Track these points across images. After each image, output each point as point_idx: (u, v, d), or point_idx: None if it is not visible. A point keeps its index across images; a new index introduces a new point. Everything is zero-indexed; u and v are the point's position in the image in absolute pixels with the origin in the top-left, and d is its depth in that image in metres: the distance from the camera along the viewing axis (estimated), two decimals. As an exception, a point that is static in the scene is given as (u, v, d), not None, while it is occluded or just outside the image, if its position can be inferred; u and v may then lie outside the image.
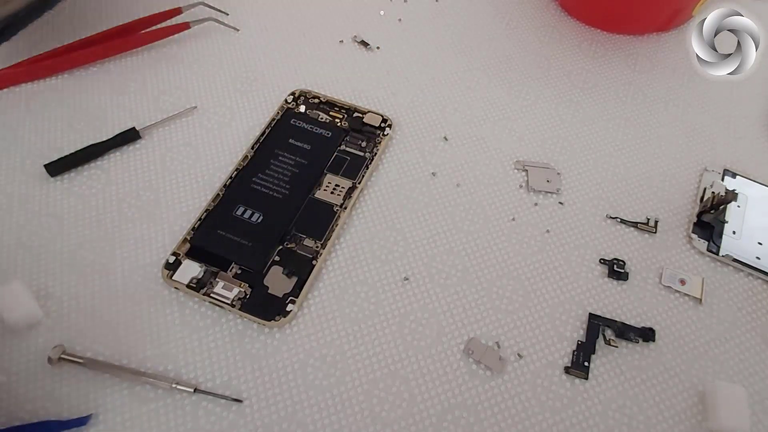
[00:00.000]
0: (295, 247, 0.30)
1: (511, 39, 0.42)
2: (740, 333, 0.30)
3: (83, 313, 0.28)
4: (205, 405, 0.26)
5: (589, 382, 0.28)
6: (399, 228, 0.32)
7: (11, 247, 0.30)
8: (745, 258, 0.32)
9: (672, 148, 0.37)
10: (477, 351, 0.28)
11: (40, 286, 0.29)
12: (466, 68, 0.40)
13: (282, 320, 0.28)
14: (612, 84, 0.40)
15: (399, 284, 0.30)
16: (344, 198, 0.32)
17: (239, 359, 0.27)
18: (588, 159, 0.36)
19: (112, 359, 0.27)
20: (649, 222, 0.33)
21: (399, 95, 0.38)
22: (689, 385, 0.28)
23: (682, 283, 0.31)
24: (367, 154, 0.34)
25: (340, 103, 0.37)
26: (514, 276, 0.31)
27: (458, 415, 0.26)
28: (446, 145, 0.36)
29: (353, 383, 0.27)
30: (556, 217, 0.33)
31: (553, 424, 0.26)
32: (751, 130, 0.38)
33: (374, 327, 0.29)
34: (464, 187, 0.34)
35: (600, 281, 0.31)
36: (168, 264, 0.29)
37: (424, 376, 0.27)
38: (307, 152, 0.34)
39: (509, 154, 0.36)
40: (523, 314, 0.30)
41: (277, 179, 0.32)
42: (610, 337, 0.29)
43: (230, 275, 0.29)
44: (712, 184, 0.35)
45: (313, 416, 0.26)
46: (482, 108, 0.38)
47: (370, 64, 0.40)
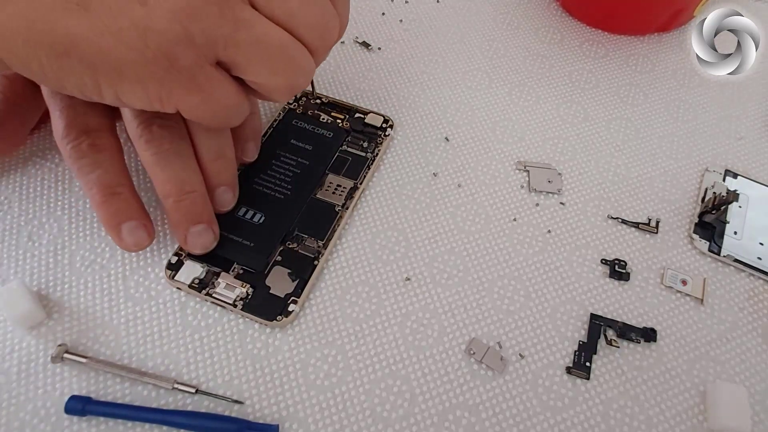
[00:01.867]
0: (296, 247, 0.30)
1: (513, 39, 0.42)
2: (742, 333, 0.30)
3: (85, 313, 0.28)
4: (207, 405, 0.26)
5: (591, 382, 0.28)
6: (400, 228, 0.32)
7: (12, 247, 0.30)
8: (746, 258, 0.32)
9: (673, 148, 0.37)
10: (478, 351, 0.28)
11: (41, 286, 0.29)
12: (468, 69, 0.40)
13: (284, 320, 0.28)
14: (613, 84, 0.40)
15: (400, 284, 0.30)
16: (346, 198, 0.32)
17: (241, 359, 0.27)
18: (589, 159, 0.36)
19: (114, 359, 0.27)
20: (650, 222, 0.33)
21: (400, 96, 0.38)
22: (690, 385, 0.28)
23: (684, 284, 0.31)
24: (368, 154, 0.34)
25: (342, 103, 0.37)
26: (515, 276, 0.31)
27: (460, 415, 0.26)
28: (447, 145, 0.36)
29: (354, 383, 0.27)
30: (558, 218, 0.33)
31: (554, 424, 0.26)
32: (753, 130, 0.38)
33: (376, 327, 0.29)
34: (465, 188, 0.34)
35: (601, 281, 0.31)
36: (170, 264, 0.29)
37: (426, 376, 0.27)
38: (309, 153, 0.34)
39: (510, 155, 0.36)
40: (524, 314, 0.30)
41: (278, 180, 0.32)
42: (611, 337, 0.29)
43: (232, 275, 0.29)
44: (714, 185, 0.35)
45: (315, 416, 0.26)
46: (483, 108, 0.38)
47: (372, 65, 0.40)
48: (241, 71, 0.24)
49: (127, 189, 0.28)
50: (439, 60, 0.41)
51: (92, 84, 0.22)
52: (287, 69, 0.24)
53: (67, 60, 0.21)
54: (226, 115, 0.25)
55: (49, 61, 0.21)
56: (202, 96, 0.23)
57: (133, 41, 0.21)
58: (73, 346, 0.27)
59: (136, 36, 0.21)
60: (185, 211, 0.28)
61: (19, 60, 0.21)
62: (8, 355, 0.27)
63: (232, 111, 0.25)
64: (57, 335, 0.28)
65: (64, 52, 0.21)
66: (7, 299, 0.27)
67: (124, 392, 0.26)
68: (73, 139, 0.28)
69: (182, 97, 0.23)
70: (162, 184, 0.28)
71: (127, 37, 0.21)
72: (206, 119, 0.25)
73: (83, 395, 0.26)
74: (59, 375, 0.27)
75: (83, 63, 0.21)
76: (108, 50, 0.21)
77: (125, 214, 0.28)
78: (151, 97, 0.23)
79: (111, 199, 0.28)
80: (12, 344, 0.27)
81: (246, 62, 0.23)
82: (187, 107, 0.23)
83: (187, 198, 0.28)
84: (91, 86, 0.22)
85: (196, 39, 0.21)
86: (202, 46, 0.22)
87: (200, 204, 0.28)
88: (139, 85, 0.22)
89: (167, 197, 0.28)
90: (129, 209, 0.28)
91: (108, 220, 0.28)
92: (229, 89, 0.24)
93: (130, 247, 0.28)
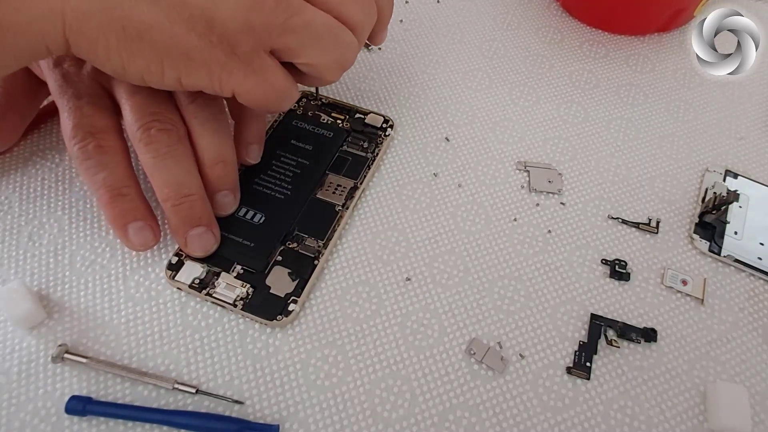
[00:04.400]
0: (297, 247, 0.30)
1: (513, 40, 0.42)
2: (742, 333, 0.30)
3: (85, 313, 0.28)
4: (207, 405, 0.26)
5: (591, 383, 0.28)
6: (401, 228, 0.32)
7: (13, 247, 0.30)
8: (746, 258, 0.32)
9: (673, 148, 0.37)
10: (479, 351, 0.28)
11: (41, 286, 0.29)
12: (468, 69, 0.40)
13: (284, 320, 0.28)
14: (613, 84, 0.40)
15: (401, 284, 0.30)
16: (346, 198, 0.32)
17: (241, 359, 0.27)
18: (589, 159, 0.36)
19: (114, 359, 0.27)
20: (650, 222, 0.33)
21: (400, 96, 0.38)
22: (691, 385, 0.28)
23: (684, 284, 0.31)
24: (368, 154, 0.34)
25: (342, 104, 0.37)
26: (515, 276, 0.31)
27: (460, 415, 0.26)
28: (448, 145, 0.36)
29: (355, 383, 0.27)
30: (558, 218, 0.33)
31: (554, 424, 0.26)
32: (753, 130, 0.38)
33: (376, 327, 0.29)
34: (466, 188, 0.34)
35: (602, 281, 0.31)
36: (170, 264, 0.29)
37: (426, 377, 0.27)
38: (309, 153, 0.34)
39: (511, 155, 0.36)
40: (524, 314, 0.30)
41: (279, 180, 0.32)
42: (611, 337, 0.29)
43: (232, 275, 0.29)
44: (714, 185, 0.35)
45: (315, 416, 0.26)
46: (484, 109, 0.38)
47: (372, 65, 0.40)
48: (295, 55, 0.26)
49: (134, 190, 0.29)
50: (439, 60, 0.41)
51: (157, 68, 0.24)
52: (335, 46, 0.27)
53: (139, 44, 0.23)
54: (277, 98, 0.27)
55: (118, 44, 0.23)
56: (257, 80, 0.25)
57: (200, 28, 0.23)
58: (73, 346, 0.27)
59: (204, 23, 0.23)
60: (184, 215, 0.28)
61: (87, 42, 0.23)
62: (9, 355, 0.27)
63: (283, 94, 0.27)
64: (57, 335, 0.28)
65: (137, 36, 0.22)
66: (8, 299, 0.27)
67: (125, 392, 0.26)
68: (80, 140, 0.28)
69: (240, 80, 0.25)
70: (160, 187, 0.28)
71: (196, 25, 0.23)
72: (259, 102, 0.26)
73: (84, 395, 0.26)
74: (60, 375, 0.27)
75: (153, 47, 0.23)
76: (179, 36, 0.23)
77: (131, 214, 0.28)
78: (213, 79, 0.25)
79: (117, 199, 0.28)
80: (12, 344, 0.27)
81: (299, 46, 0.25)
82: (243, 90, 0.25)
83: (186, 201, 0.28)
84: (156, 70, 0.24)
85: (256, 27, 0.24)
86: (261, 34, 0.24)
87: (199, 207, 0.28)
88: (204, 68, 0.24)
89: (165, 201, 0.28)
90: (135, 210, 0.28)
91: (115, 221, 0.28)
92: (280, 74, 0.26)
93: (137, 247, 0.29)
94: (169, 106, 0.29)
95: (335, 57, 0.27)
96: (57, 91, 0.29)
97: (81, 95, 0.28)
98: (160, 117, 0.28)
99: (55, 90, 0.29)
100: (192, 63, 0.24)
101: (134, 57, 0.23)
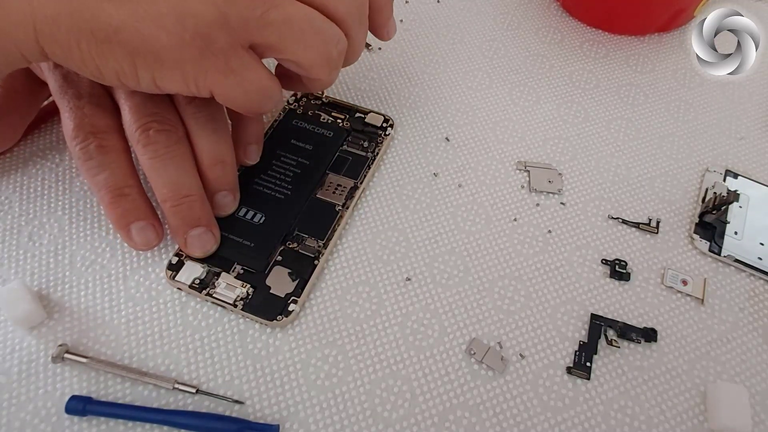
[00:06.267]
0: (297, 246, 0.30)
1: (513, 39, 0.42)
2: (742, 333, 0.30)
3: (85, 313, 0.28)
4: (207, 405, 0.26)
5: (591, 383, 0.28)
6: (401, 228, 0.32)
7: (13, 247, 0.30)
8: (747, 258, 0.32)
9: (673, 148, 0.37)
10: (479, 351, 0.28)
11: (41, 286, 0.29)
12: (468, 69, 0.40)
13: (284, 320, 0.28)
14: (613, 84, 0.40)
15: (401, 284, 0.30)
16: (346, 198, 0.32)
17: (241, 359, 0.27)
18: (589, 159, 0.36)
19: (114, 359, 0.27)
20: (650, 222, 0.33)
21: (401, 96, 0.38)
22: (691, 385, 0.28)
23: (684, 284, 0.31)
24: (369, 154, 0.34)
25: (342, 103, 0.37)
26: (516, 276, 0.31)
27: (460, 415, 0.26)
28: (448, 145, 0.36)
29: (355, 383, 0.27)
30: (558, 218, 0.33)
31: (555, 424, 0.26)
32: (753, 130, 0.38)
33: (376, 327, 0.29)
34: (466, 188, 0.34)
35: (602, 281, 0.31)
36: (171, 264, 0.29)
37: (426, 377, 0.27)
38: (309, 152, 0.34)
39: (511, 155, 0.36)
40: (525, 314, 0.30)
41: (279, 180, 0.32)
42: (612, 337, 0.29)
43: (232, 275, 0.29)
44: (714, 185, 0.35)
45: (315, 416, 0.26)
46: (484, 109, 0.38)
47: (372, 65, 0.40)
48: (277, 51, 0.25)
49: (135, 190, 0.29)
50: (440, 60, 0.41)
51: (130, 69, 0.23)
52: (319, 41, 0.25)
53: (108, 46, 0.22)
54: (259, 99, 0.26)
55: (89, 47, 0.22)
56: (236, 78, 0.24)
57: (171, 26, 0.22)
58: (73, 346, 0.27)
59: (175, 20, 0.22)
60: (183, 215, 0.28)
61: (61, 48, 0.22)
62: (9, 355, 0.27)
63: (265, 94, 0.26)
64: (57, 335, 0.28)
65: (106, 39, 0.22)
66: (8, 299, 0.27)
67: (125, 392, 0.26)
68: (81, 141, 0.28)
69: (217, 80, 0.24)
70: (159, 188, 0.28)
71: (166, 22, 0.22)
72: (240, 102, 0.25)
73: (84, 395, 0.26)
74: (60, 375, 0.27)
75: (124, 49, 0.22)
76: (148, 35, 0.22)
77: (134, 214, 0.28)
78: (188, 80, 0.23)
79: (119, 200, 0.28)
80: (13, 344, 0.27)
81: (280, 41, 0.24)
82: (221, 90, 0.24)
83: (185, 202, 0.28)
84: (129, 72, 0.23)
85: (231, 21, 0.22)
86: (237, 29, 0.23)
87: (197, 208, 0.28)
88: (177, 68, 0.23)
89: (164, 201, 0.28)
90: (137, 210, 0.28)
91: (117, 221, 0.28)
92: (260, 72, 0.25)
93: (140, 246, 0.29)
94: (168, 106, 0.29)
95: (320, 52, 0.25)
96: (58, 91, 0.29)
97: (82, 95, 0.28)
98: (158, 117, 0.28)
99: (56, 90, 0.29)
100: (164, 63, 0.23)
101: (107, 60, 0.22)
